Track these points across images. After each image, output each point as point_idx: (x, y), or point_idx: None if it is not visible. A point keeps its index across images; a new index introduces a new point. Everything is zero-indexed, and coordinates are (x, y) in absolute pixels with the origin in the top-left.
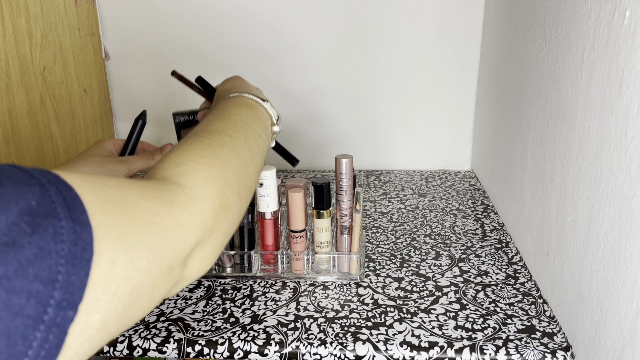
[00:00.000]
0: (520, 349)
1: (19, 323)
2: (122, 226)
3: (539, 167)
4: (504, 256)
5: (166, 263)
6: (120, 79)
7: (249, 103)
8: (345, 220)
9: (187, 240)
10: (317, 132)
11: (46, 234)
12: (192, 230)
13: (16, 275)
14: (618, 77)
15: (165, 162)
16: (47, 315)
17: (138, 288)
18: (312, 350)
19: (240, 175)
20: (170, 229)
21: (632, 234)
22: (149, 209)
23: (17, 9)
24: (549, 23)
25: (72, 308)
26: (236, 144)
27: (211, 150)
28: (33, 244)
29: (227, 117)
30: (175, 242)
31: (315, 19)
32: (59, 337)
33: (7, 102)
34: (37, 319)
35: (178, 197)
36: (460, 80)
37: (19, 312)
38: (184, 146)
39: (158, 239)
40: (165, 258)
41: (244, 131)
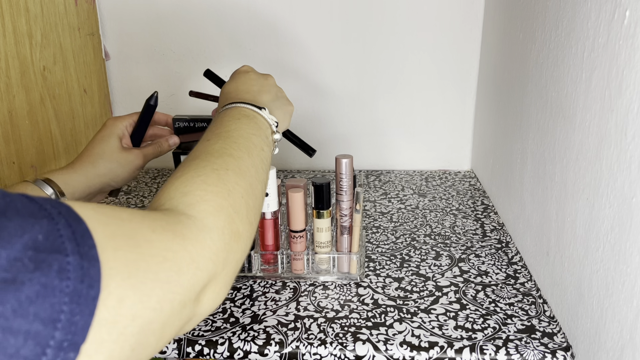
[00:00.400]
0: (520, 349)
1: None
2: (133, 262)
3: (539, 167)
4: (504, 256)
5: (178, 300)
6: (120, 79)
7: (247, 114)
8: (345, 220)
9: (199, 275)
10: (317, 132)
11: (50, 270)
12: (204, 264)
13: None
14: (618, 77)
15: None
16: (45, 357)
17: (147, 327)
18: (312, 350)
19: (247, 198)
20: (182, 264)
21: (632, 234)
22: (161, 244)
23: (17, 9)
24: (549, 23)
25: (74, 349)
26: (240, 165)
27: (216, 177)
28: (35, 280)
29: (226, 134)
30: (187, 277)
31: (315, 18)
32: None
33: (7, 102)
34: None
35: (190, 230)
36: (460, 80)
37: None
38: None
39: (170, 275)
40: (177, 295)
41: (246, 148)
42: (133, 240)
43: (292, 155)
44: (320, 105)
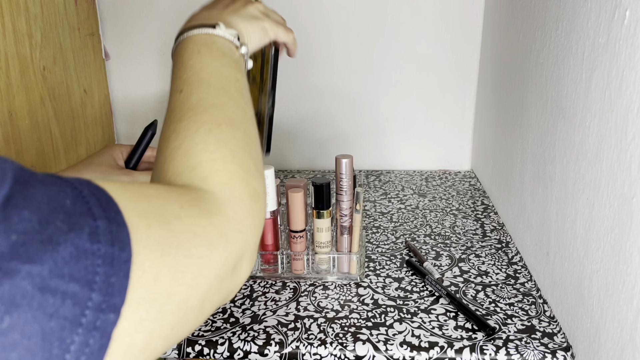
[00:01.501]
0: (520, 349)
1: (54, 325)
2: (165, 239)
3: (539, 167)
4: (504, 256)
5: (213, 275)
6: (120, 79)
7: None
8: (345, 220)
9: (231, 248)
10: (317, 132)
11: (82, 233)
12: (233, 236)
13: (51, 274)
14: (618, 77)
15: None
16: (85, 318)
17: (185, 304)
18: (312, 351)
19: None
20: (212, 238)
21: (632, 234)
22: (190, 219)
23: (17, 8)
24: (549, 23)
25: (114, 311)
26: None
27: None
28: (69, 242)
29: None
30: (219, 251)
31: (315, 18)
32: (101, 342)
33: (7, 102)
34: (75, 322)
35: (212, 205)
36: (461, 80)
37: (54, 313)
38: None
39: (201, 251)
40: (212, 270)
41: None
42: (163, 217)
43: (292, 155)
44: (320, 105)
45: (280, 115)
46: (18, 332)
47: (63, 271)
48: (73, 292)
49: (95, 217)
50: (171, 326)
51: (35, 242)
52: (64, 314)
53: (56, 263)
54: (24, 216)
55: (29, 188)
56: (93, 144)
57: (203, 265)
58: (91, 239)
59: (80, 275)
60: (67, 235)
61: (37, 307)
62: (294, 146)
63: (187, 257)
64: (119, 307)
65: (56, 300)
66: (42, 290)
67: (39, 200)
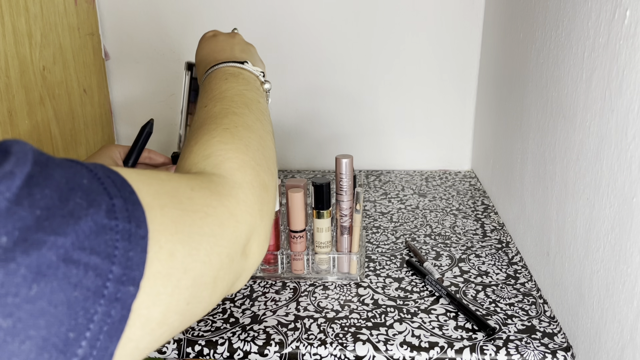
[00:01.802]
0: (520, 349)
1: (78, 294)
2: (178, 218)
3: (539, 167)
4: (504, 256)
5: (225, 253)
6: (120, 79)
7: (232, 72)
8: (345, 220)
9: (241, 228)
10: (317, 132)
11: (100, 209)
12: (242, 217)
13: (73, 246)
14: (618, 77)
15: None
16: (107, 290)
17: (199, 280)
18: (312, 351)
19: (263, 149)
20: (223, 218)
21: (633, 234)
22: (201, 200)
23: (16, 8)
24: (549, 23)
25: (133, 284)
26: (246, 120)
27: (230, 135)
28: (89, 217)
29: (220, 95)
30: (230, 231)
31: (316, 18)
32: (122, 313)
33: (7, 102)
34: (97, 293)
35: (223, 187)
36: (461, 80)
37: (78, 284)
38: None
39: (213, 229)
40: (224, 248)
41: (244, 104)
42: (176, 197)
43: (292, 155)
44: (320, 105)
45: (280, 115)
46: (45, 300)
47: (84, 244)
48: (95, 264)
49: (111, 195)
50: (187, 301)
51: (58, 217)
52: (87, 285)
53: (78, 236)
54: (46, 194)
55: (48, 169)
56: (93, 144)
57: (215, 243)
58: (108, 216)
59: (100, 248)
60: (87, 211)
61: (62, 277)
62: (294, 146)
63: (200, 234)
64: (138, 280)
65: (79, 271)
66: (65, 261)
67: (57, 180)
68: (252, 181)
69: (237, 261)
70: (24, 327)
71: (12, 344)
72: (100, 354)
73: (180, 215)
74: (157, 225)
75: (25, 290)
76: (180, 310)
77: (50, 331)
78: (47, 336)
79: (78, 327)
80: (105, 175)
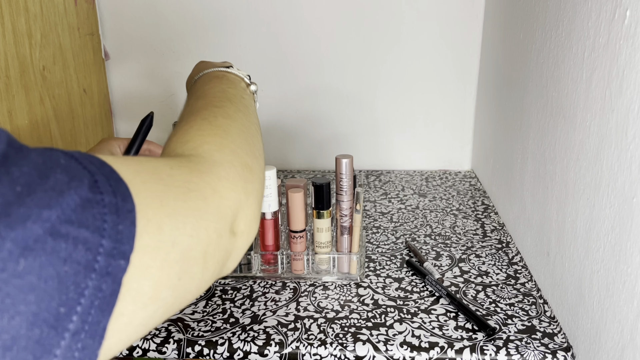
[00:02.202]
0: (520, 349)
1: (69, 269)
2: (162, 192)
3: (539, 167)
4: (504, 256)
5: (212, 228)
6: (120, 79)
7: (216, 75)
8: (345, 220)
9: (225, 203)
10: (317, 132)
11: (82, 184)
12: (226, 193)
13: (60, 220)
14: (619, 77)
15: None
16: (97, 264)
17: (188, 255)
18: (312, 351)
19: (245, 135)
20: (206, 193)
21: (633, 234)
22: (181, 177)
23: (16, 8)
24: (549, 23)
25: (123, 257)
26: (226, 111)
27: (208, 124)
28: (72, 191)
29: (202, 94)
30: (214, 206)
31: (316, 18)
32: (113, 287)
33: (7, 102)
34: (88, 267)
35: (202, 165)
36: (461, 80)
37: (68, 258)
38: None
39: (197, 204)
40: (210, 222)
41: (226, 99)
42: (156, 175)
43: (292, 155)
44: (320, 105)
45: (280, 115)
46: (35, 275)
47: (71, 218)
48: (84, 238)
49: (92, 173)
50: (178, 276)
51: (40, 192)
52: (77, 259)
53: (63, 210)
54: (24, 171)
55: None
56: (92, 144)
57: (201, 217)
58: (92, 190)
59: (88, 222)
60: (69, 185)
61: (51, 251)
62: (294, 146)
63: (185, 208)
64: (128, 254)
65: (68, 245)
66: (53, 235)
67: (34, 160)
68: (232, 160)
69: (225, 238)
70: (13, 303)
71: (1, 320)
72: (93, 328)
73: (163, 190)
74: (142, 199)
75: (12, 265)
76: (171, 285)
77: (40, 306)
78: (37, 311)
79: (69, 302)
80: (82, 157)
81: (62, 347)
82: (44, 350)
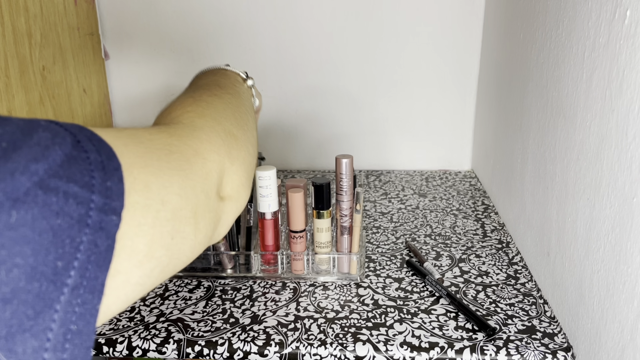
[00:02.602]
0: (520, 349)
1: (62, 222)
2: (144, 153)
3: (539, 167)
4: (504, 256)
5: (199, 189)
6: (120, 79)
7: (212, 71)
8: (345, 220)
9: (209, 165)
10: (317, 132)
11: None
12: (208, 155)
13: (47, 173)
14: (619, 77)
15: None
16: (90, 219)
17: (179, 214)
18: (312, 351)
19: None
20: (188, 154)
21: (633, 234)
22: (162, 140)
23: (16, 8)
24: (549, 23)
25: (115, 213)
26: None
27: (192, 99)
28: (57, 147)
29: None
30: (198, 166)
31: (316, 18)
32: (107, 242)
33: (7, 102)
34: (82, 221)
35: (182, 130)
36: (461, 80)
37: (60, 212)
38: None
39: (181, 164)
40: (196, 183)
41: (216, 86)
42: (136, 138)
43: (292, 155)
44: (320, 105)
45: (280, 115)
46: (28, 228)
47: (59, 172)
48: (74, 193)
49: (74, 134)
50: (170, 235)
51: (25, 147)
52: (69, 213)
53: (49, 164)
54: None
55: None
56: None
57: (186, 177)
58: (76, 149)
59: (77, 177)
60: (53, 141)
61: (42, 204)
62: (294, 146)
63: (169, 168)
64: (119, 210)
65: (59, 199)
66: (43, 188)
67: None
68: (214, 126)
69: (213, 200)
70: (8, 254)
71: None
72: (91, 283)
73: (145, 151)
74: (125, 159)
75: (4, 216)
76: (165, 244)
77: (37, 259)
78: (34, 264)
79: (65, 256)
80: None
81: (62, 302)
82: (45, 305)
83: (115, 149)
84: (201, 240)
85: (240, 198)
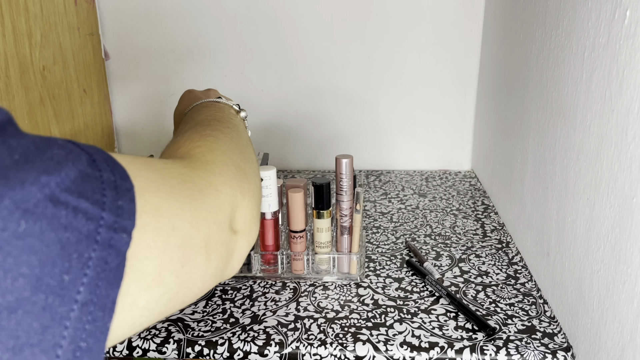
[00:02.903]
0: (520, 349)
1: (70, 236)
2: (157, 179)
3: (539, 167)
4: (504, 256)
5: (212, 219)
6: (120, 79)
7: (206, 105)
8: (345, 220)
9: (222, 197)
10: (317, 132)
11: (80, 160)
12: (222, 187)
13: (59, 187)
14: (619, 77)
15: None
16: (99, 236)
17: (190, 242)
18: (312, 351)
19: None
20: (201, 185)
21: (633, 234)
22: (176, 170)
23: (16, 8)
24: (549, 23)
25: (126, 232)
26: (215, 126)
27: (199, 135)
28: (71, 164)
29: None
30: (210, 197)
31: (316, 19)
32: (118, 260)
33: (7, 102)
34: (90, 237)
35: (195, 163)
36: (461, 80)
37: (69, 225)
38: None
39: (194, 194)
40: (209, 213)
41: (215, 121)
42: (150, 165)
43: (292, 155)
44: (320, 105)
45: (280, 115)
46: (36, 239)
47: (71, 187)
48: (84, 208)
49: (90, 154)
50: (181, 262)
51: (38, 161)
52: (78, 227)
53: (62, 178)
54: (22, 143)
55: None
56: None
57: (198, 206)
58: (91, 166)
59: (88, 194)
60: (67, 157)
61: (51, 216)
62: (294, 146)
63: (182, 196)
64: (130, 229)
65: (68, 212)
66: (53, 201)
67: (32, 138)
68: (224, 160)
69: (226, 232)
70: (15, 263)
71: (5, 280)
72: (102, 300)
73: (158, 178)
74: (138, 182)
75: (13, 225)
76: (175, 270)
77: (43, 270)
78: (40, 275)
79: (73, 270)
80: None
81: (72, 318)
82: (52, 319)
83: (130, 172)
84: (212, 273)
85: (252, 232)
